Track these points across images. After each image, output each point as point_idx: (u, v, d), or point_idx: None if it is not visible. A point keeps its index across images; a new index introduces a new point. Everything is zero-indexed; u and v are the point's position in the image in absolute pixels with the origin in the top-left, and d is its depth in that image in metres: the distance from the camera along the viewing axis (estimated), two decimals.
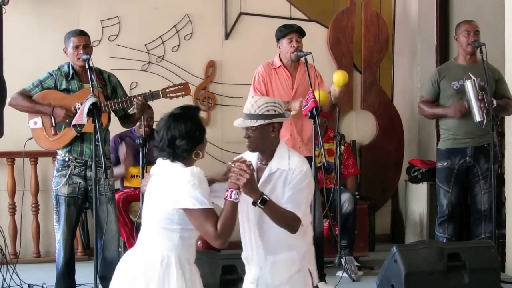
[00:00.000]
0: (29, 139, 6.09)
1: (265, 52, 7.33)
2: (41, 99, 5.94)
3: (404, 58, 8.97)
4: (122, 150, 7.13)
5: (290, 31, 6.52)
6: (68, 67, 6.02)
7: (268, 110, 3.96)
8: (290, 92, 6.50)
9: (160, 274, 3.68)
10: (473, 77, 6.62)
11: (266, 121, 3.95)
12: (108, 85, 6.10)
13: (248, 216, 4.02)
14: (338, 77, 6.37)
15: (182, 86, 6.15)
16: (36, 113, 5.96)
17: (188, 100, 7.28)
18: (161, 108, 7.10)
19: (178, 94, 6.11)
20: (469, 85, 6.61)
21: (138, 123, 6.76)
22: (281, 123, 4.04)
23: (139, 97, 5.94)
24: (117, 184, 7.12)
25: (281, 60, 6.58)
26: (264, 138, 3.98)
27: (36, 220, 7.59)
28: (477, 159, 6.78)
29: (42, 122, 5.96)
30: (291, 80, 6.53)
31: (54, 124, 5.95)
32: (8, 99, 5.98)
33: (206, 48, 8.25)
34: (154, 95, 6.02)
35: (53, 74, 6.01)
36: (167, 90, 6.08)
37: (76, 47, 5.93)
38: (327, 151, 7.46)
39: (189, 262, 3.78)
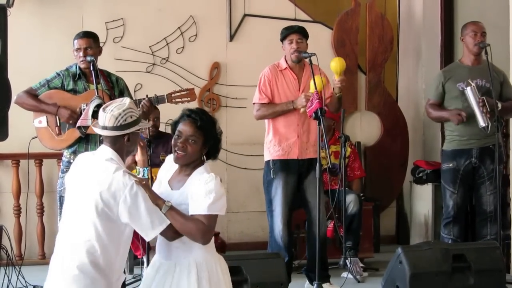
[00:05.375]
0: (33, 138, 6.10)
1: (270, 53, 7.33)
2: (47, 99, 5.97)
3: (408, 59, 8.96)
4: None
5: (290, 33, 6.52)
6: (76, 67, 6.05)
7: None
8: (296, 93, 6.49)
9: None
10: (472, 83, 6.62)
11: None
12: (115, 87, 6.12)
13: None
14: (335, 64, 6.31)
15: (188, 92, 6.14)
16: (40, 112, 5.98)
17: (192, 102, 7.28)
18: (168, 110, 7.17)
19: (183, 99, 6.09)
20: (469, 92, 6.61)
21: None
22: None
23: (145, 101, 5.94)
24: None
25: (286, 61, 6.58)
26: None
27: (41, 222, 7.60)
28: (483, 160, 6.78)
29: (47, 122, 5.98)
30: (297, 82, 6.52)
31: (58, 124, 5.96)
32: (14, 98, 6.01)
33: (211, 50, 8.26)
34: (159, 100, 6.02)
35: (61, 74, 6.04)
36: (173, 95, 6.07)
37: (78, 49, 5.96)
38: (334, 153, 7.47)
39: None
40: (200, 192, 3.80)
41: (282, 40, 6.57)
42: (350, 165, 7.77)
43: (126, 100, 3.89)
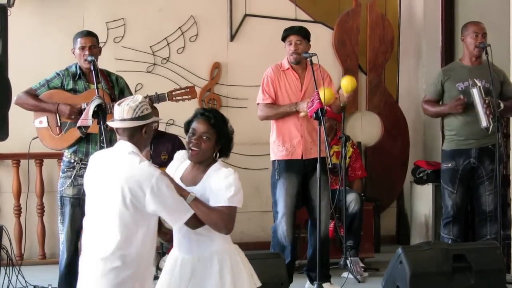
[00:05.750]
0: (34, 139, 6.10)
1: (270, 53, 7.34)
2: (47, 99, 5.96)
3: (409, 60, 8.96)
4: None
5: (289, 34, 6.51)
6: (76, 67, 6.04)
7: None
8: (299, 94, 6.49)
9: None
10: (479, 84, 6.62)
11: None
12: (115, 87, 6.12)
13: None
14: (346, 83, 6.28)
15: (188, 90, 6.15)
16: (41, 111, 5.97)
17: (193, 102, 7.28)
18: (167, 110, 7.18)
19: (184, 97, 6.10)
20: (475, 92, 6.60)
21: None
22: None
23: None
24: None
25: (289, 62, 6.57)
26: None
27: (41, 222, 7.60)
28: (482, 160, 6.78)
29: (48, 121, 5.98)
30: (299, 82, 6.51)
31: (59, 124, 5.96)
32: (14, 98, 6.01)
33: (211, 50, 8.26)
34: (160, 98, 6.02)
35: (60, 74, 6.04)
36: (173, 93, 6.07)
37: (82, 48, 5.95)
38: (336, 153, 7.47)
39: None
40: (220, 186, 3.93)
41: (283, 41, 6.56)
42: (352, 165, 7.77)
43: (138, 96, 4.00)
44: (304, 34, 6.50)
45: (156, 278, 6.71)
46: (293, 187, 6.40)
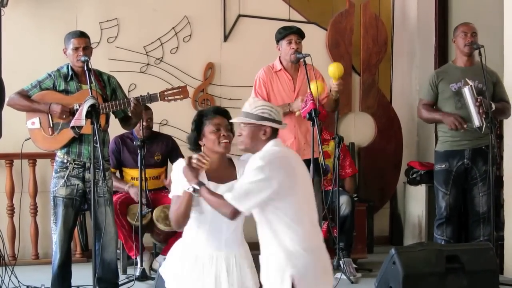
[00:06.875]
0: (26, 140, 6.09)
1: (264, 54, 7.33)
2: (39, 100, 5.94)
3: (403, 60, 8.97)
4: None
5: (289, 33, 6.50)
6: (67, 68, 6.02)
7: (263, 113, 4.02)
8: (292, 95, 6.48)
9: None
10: (470, 83, 6.63)
11: (258, 122, 4.01)
12: (107, 86, 6.10)
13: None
14: (333, 69, 6.35)
15: (180, 89, 6.14)
16: (33, 111, 5.95)
17: (186, 102, 7.28)
18: (161, 110, 7.17)
19: (176, 97, 6.09)
20: (467, 92, 6.62)
21: (138, 125, 6.75)
22: (273, 130, 4.05)
23: (134, 100, 5.92)
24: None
25: (281, 62, 6.56)
26: (253, 139, 4.04)
27: (34, 222, 7.59)
28: (475, 161, 6.78)
29: (40, 123, 5.96)
30: (292, 83, 6.51)
31: (51, 125, 5.95)
32: (6, 99, 5.99)
33: (205, 50, 8.25)
34: (152, 98, 6.01)
35: (52, 75, 6.02)
36: (165, 93, 6.06)
37: (76, 48, 5.92)
38: (323, 154, 7.46)
39: None
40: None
41: (279, 40, 6.54)
42: (340, 164, 7.74)
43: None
44: (302, 34, 6.51)
45: (150, 278, 6.73)
46: None
